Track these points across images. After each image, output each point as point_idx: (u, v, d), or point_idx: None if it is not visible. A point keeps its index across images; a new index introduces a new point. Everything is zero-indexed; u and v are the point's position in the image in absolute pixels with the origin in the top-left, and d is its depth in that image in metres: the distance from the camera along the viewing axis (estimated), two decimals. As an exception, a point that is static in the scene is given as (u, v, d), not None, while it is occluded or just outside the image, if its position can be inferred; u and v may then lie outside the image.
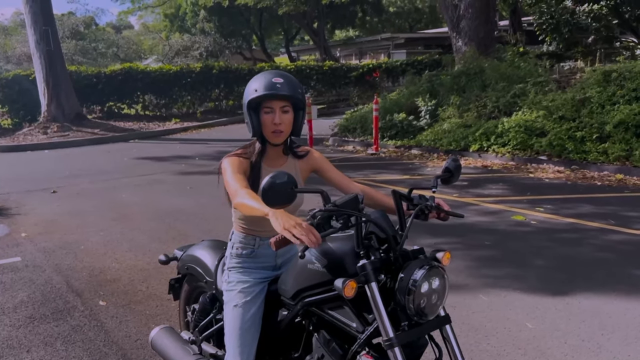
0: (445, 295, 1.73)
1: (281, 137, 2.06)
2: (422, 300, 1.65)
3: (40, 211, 6.87)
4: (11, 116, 18.33)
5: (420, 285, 1.63)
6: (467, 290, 3.96)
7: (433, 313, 1.70)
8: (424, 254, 1.81)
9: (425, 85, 12.12)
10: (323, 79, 21.87)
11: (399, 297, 1.65)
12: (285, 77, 2.02)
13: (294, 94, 2.01)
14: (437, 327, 1.78)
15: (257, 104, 2.01)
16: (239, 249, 2.19)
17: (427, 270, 1.66)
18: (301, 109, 2.09)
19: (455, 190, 7.20)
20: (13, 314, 3.77)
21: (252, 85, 2.03)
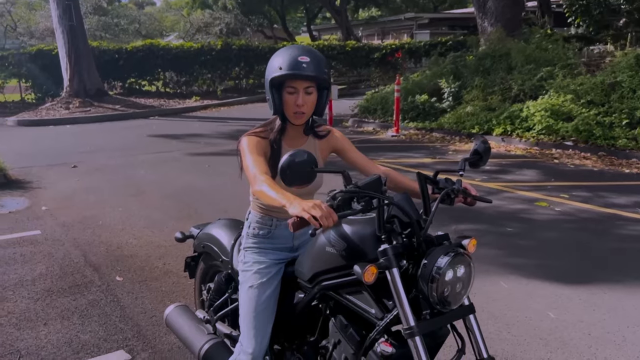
0: (470, 284, 1.64)
1: (302, 119, 1.98)
2: (446, 289, 1.57)
3: (60, 185, 6.92)
4: (34, 91, 18.54)
5: (445, 273, 1.55)
6: (487, 277, 3.86)
7: (457, 302, 1.62)
8: (449, 240, 1.72)
9: (449, 67, 11.85)
10: (344, 59, 21.59)
11: (421, 284, 1.57)
12: (312, 55, 1.91)
13: (320, 74, 1.90)
14: (460, 317, 1.70)
15: (280, 82, 1.92)
16: (255, 229, 2.13)
17: (452, 257, 1.57)
18: (325, 88, 2.00)
19: (478, 175, 7.05)
20: (32, 287, 3.79)
21: (276, 61, 1.92)
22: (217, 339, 2.34)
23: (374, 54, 21.40)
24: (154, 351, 2.95)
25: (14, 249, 4.55)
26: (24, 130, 12.84)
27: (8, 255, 4.40)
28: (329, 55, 21.22)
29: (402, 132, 10.71)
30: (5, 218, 5.49)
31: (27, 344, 3.01)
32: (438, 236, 1.71)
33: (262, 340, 2.02)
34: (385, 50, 21.45)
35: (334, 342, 1.90)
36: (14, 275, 3.99)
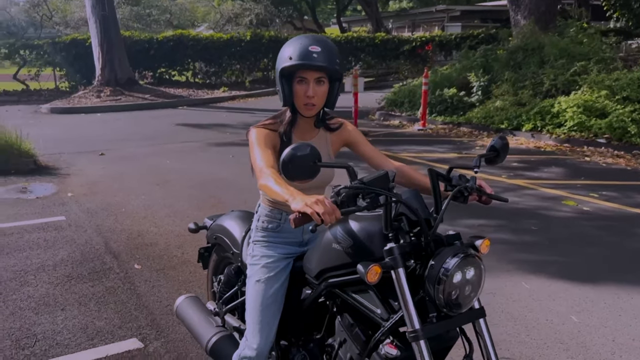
0: (480, 287, 1.57)
1: (313, 111, 1.93)
2: (454, 292, 1.50)
3: (87, 172, 7.04)
4: (68, 79, 18.97)
5: (453, 275, 1.48)
6: (508, 277, 3.76)
7: (466, 305, 1.55)
8: (460, 240, 1.65)
9: (479, 60, 11.59)
10: (373, 51, 21.36)
11: (428, 286, 1.51)
12: (323, 45, 1.85)
13: (331, 64, 1.85)
14: (469, 321, 1.63)
15: (290, 72, 1.88)
16: (264, 222, 2.09)
17: (462, 258, 1.50)
18: (337, 80, 1.94)
19: (504, 171, 6.89)
20: (52, 272, 3.86)
21: (286, 50, 1.87)
22: (225, 332, 2.33)
23: (404, 47, 21.10)
24: (166, 340, 2.96)
25: (39, 233, 4.64)
26: (56, 117, 13.13)
27: (32, 240, 4.49)
28: (358, 48, 21.06)
29: (429, 126, 10.55)
30: (33, 203, 5.61)
31: (43, 329, 3.06)
32: (449, 236, 1.64)
33: (268, 336, 1.99)
34: (415, 42, 21.13)
35: (339, 341, 1.86)
36: (36, 259, 4.07)
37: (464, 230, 4.50)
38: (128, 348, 2.87)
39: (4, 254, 4.17)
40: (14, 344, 2.90)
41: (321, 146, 2.07)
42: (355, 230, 1.73)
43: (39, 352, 2.82)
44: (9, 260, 4.05)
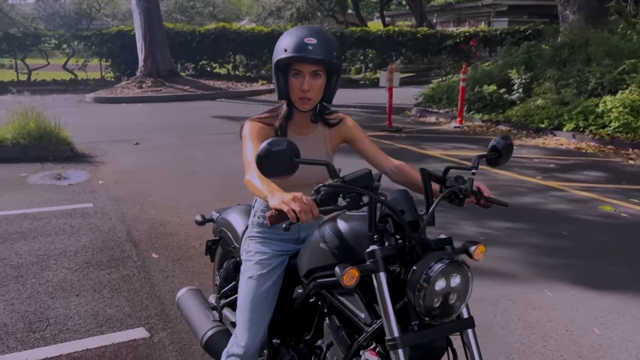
0: (467, 295, 1.48)
1: (309, 105, 1.86)
2: (436, 299, 1.41)
3: (120, 161, 7.20)
4: (113, 70, 19.51)
5: (435, 282, 1.39)
6: (531, 283, 3.60)
7: (449, 315, 1.46)
8: (451, 245, 1.56)
9: (522, 57, 11.19)
10: (415, 46, 21.03)
11: (408, 292, 1.43)
12: (320, 37, 1.78)
13: (328, 57, 1.78)
14: (455, 331, 1.54)
15: (285, 65, 1.82)
16: (260, 217, 2.05)
17: (446, 265, 1.41)
18: (335, 74, 1.87)
19: (539, 172, 6.63)
20: (73, 258, 3.94)
21: (282, 42, 1.82)
22: (221, 327, 2.30)
23: (446, 42, 20.68)
24: (172, 332, 2.97)
25: (65, 219, 4.77)
26: (99, 106, 13.51)
27: (59, 225, 4.62)
28: (399, 42, 20.78)
29: (466, 123, 10.28)
30: (65, 190, 5.78)
31: (56, 313, 3.12)
32: (438, 240, 1.55)
33: (257, 334, 1.95)
34: (459, 37, 20.68)
35: (327, 344, 1.80)
36: (59, 245, 4.17)
37: (489, 233, 4.36)
38: (134, 337, 2.89)
39: (30, 238, 4.29)
40: (26, 327, 2.97)
41: (318, 142, 2.01)
42: (342, 231, 1.66)
43: (49, 337, 2.88)
44: (34, 244, 4.16)
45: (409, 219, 1.52)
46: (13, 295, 3.33)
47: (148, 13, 15.71)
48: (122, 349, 2.78)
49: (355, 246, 1.59)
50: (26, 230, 4.47)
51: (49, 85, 18.41)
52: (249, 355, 1.94)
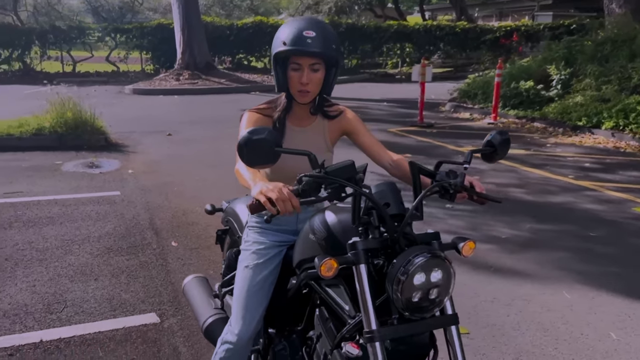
0: (448, 291, 1.45)
1: (307, 98, 1.86)
2: (415, 294, 1.39)
3: (151, 151, 7.36)
4: (153, 62, 19.94)
5: (413, 276, 1.37)
6: (549, 284, 3.49)
7: (429, 310, 1.43)
8: (438, 240, 1.53)
9: (562, 52, 10.83)
10: (453, 41, 20.63)
11: (387, 285, 1.41)
12: (319, 30, 1.78)
13: (327, 50, 1.77)
14: (438, 327, 1.51)
15: (284, 58, 1.82)
16: (258, 208, 2.06)
17: (427, 259, 1.38)
18: (334, 66, 1.86)
19: (573, 170, 6.42)
20: (96, 243, 4.07)
21: (280, 35, 1.82)
22: (221, 315, 2.33)
23: (486, 36, 20.20)
24: (182, 318, 3.03)
25: (93, 206, 4.92)
26: (137, 98, 13.85)
27: (86, 212, 4.77)
28: (437, 36, 20.44)
29: (500, 120, 10.04)
30: (96, 178, 5.96)
31: (74, 296, 3.23)
32: (425, 234, 1.53)
33: (251, 323, 1.96)
34: (499, 32, 20.15)
35: (317, 335, 1.80)
36: (84, 230, 4.31)
37: (508, 232, 4.26)
38: (145, 322, 2.97)
39: (58, 223, 4.45)
40: (44, 308, 3.09)
41: (317, 134, 2.00)
42: (330, 223, 1.65)
43: (64, 318, 2.98)
44: (61, 229, 4.32)
45: (394, 211, 1.50)
46: (36, 277, 3.46)
47: (186, 7, 15.96)
48: (132, 332, 2.86)
49: (342, 238, 1.58)
50: (55, 215, 4.63)
51: (92, 76, 19.00)
52: (241, 344, 1.96)
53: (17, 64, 19.30)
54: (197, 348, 2.73)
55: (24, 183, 5.60)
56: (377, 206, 1.45)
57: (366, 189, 1.50)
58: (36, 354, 2.65)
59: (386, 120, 10.32)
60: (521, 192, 5.57)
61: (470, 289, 3.41)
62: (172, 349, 2.73)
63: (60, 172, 6.15)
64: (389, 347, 1.47)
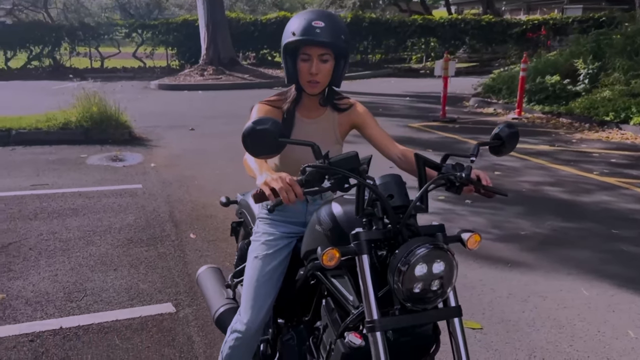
0: (451, 283, 1.44)
1: (316, 88, 1.87)
2: (416, 285, 1.39)
3: (174, 145, 7.47)
4: (178, 58, 20.18)
5: (414, 267, 1.37)
6: (567, 281, 3.44)
7: (431, 302, 1.43)
8: (443, 233, 1.52)
9: (590, 46, 10.59)
10: (479, 35, 20.35)
11: (388, 276, 1.42)
12: (328, 20, 1.79)
13: (336, 41, 1.78)
14: (440, 319, 1.50)
15: (294, 49, 1.83)
16: (268, 199, 2.08)
17: (429, 250, 1.38)
18: (343, 58, 1.87)
19: (599, 167, 6.29)
20: (117, 235, 4.16)
21: (290, 26, 1.83)
22: (232, 304, 2.36)
23: (513, 30, 19.86)
24: (197, 308, 3.08)
25: (115, 199, 5.02)
26: (162, 93, 14.04)
27: (108, 204, 4.87)
28: (462, 31, 20.19)
29: (525, 115, 9.88)
30: (119, 171, 6.08)
31: (93, 285, 3.32)
32: (429, 226, 1.52)
33: (259, 313, 1.98)
34: (526, 26, 19.79)
35: (323, 325, 1.81)
36: (106, 222, 4.41)
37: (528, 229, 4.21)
38: (161, 312, 3.03)
39: (81, 214, 4.56)
40: (65, 296, 3.17)
41: (326, 126, 2.01)
42: (336, 214, 1.67)
43: (83, 306, 3.07)
44: (83, 220, 4.42)
45: (398, 203, 1.50)
46: (58, 267, 3.56)
47: (211, 3, 16.09)
48: (148, 322, 2.92)
49: (347, 229, 1.58)
50: (78, 207, 4.75)
51: (119, 72, 19.35)
52: (250, 333, 1.98)
53: (48, 60, 19.75)
54: (210, 338, 2.78)
55: (50, 176, 5.75)
56: (380, 197, 1.45)
57: (370, 180, 1.50)
58: (56, 340, 2.73)
59: (408, 115, 10.26)
60: (544, 189, 5.48)
61: (486, 284, 3.38)
62: (187, 338, 2.78)
63: (85, 165, 6.29)
64: (391, 338, 1.48)
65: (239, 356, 2.00)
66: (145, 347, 2.70)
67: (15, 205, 4.74)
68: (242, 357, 2.01)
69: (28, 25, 19.55)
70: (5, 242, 3.93)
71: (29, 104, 10.22)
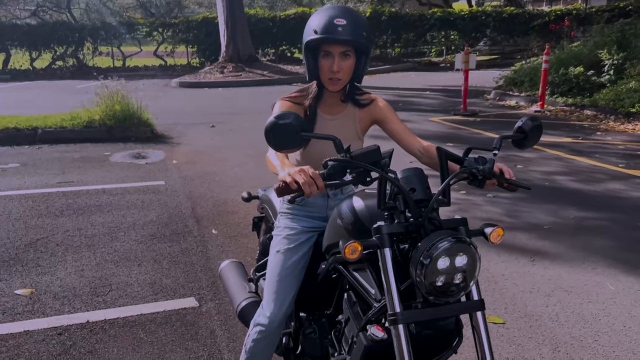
0: (474, 277, 1.43)
1: (338, 86, 1.88)
2: (439, 278, 1.39)
3: (195, 142, 7.55)
4: (199, 56, 20.37)
5: (437, 260, 1.37)
6: (592, 276, 3.39)
7: (454, 295, 1.43)
8: (466, 227, 1.51)
9: (615, 36, 10.37)
10: (500, 27, 20.08)
11: (411, 269, 1.41)
12: (350, 17, 1.79)
13: (357, 38, 1.78)
14: (463, 312, 1.49)
15: (315, 46, 1.84)
16: (290, 194, 2.10)
17: (452, 244, 1.37)
18: (365, 54, 1.87)
19: (622, 159, 6.17)
20: (140, 231, 4.22)
21: (312, 23, 1.84)
22: (255, 299, 2.38)
23: (535, 22, 19.54)
24: (220, 303, 3.11)
25: (139, 195, 5.10)
26: (183, 91, 14.19)
27: (132, 201, 4.95)
28: (483, 23, 19.93)
29: (548, 108, 9.72)
30: (142, 168, 6.17)
31: (119, 280, 3.38)
32: (451, 220, 1.51)
33: (282, 306, 2.00)
34: (549, 17, 19.45)
35: (345, 319, 1.82)
36: (130, 219, 4.48)
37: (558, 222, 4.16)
38: (184, 306, 3.07)
39: (105, 211, 4.65)
40: (92, 291, 3.24)
41: (348, 122, 2.02)
42: (357, 208, 1.67)
43: (110, 301, 3.13)
44: (108, 217, 4.50)
45: (420, 197, 1.49)
46: (84, 262, 3.63)
47: (230, 0, 16.18)
48: (172, 316, 2.97)
49: (369, 224, 1.59)
50: (103, 204, 4.84)
51: (141, 71, 19.63)
52: (273, 327, 2.00)
53: (72, 60, 20.12)
54: (233, 332, 2.81)
55: (75, 173, 5.86)
56: (402, 191, 1.45)
57: (392, 174, 1.50)
58: (83, 334, 2.79)
59: (429, 109, 10.19)
60: (568, 181, 5.40)
61: (509, 279, 3.35)
62: (210, 332, 2.81)
63: (109, 163, 6.40)
64: (414, 331, 1.48)
65: (262, 349, 2.02)
66: (170, 341, 2.74)
67: (43, 203, 4.85)
68: (265, 350, 2.03)
69: (52, 26, 19.94)
70: (34, 239, 4.03)
71: (54, 104, 10.44)
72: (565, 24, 19.00)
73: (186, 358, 2.60)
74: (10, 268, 3.54)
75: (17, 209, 4.69)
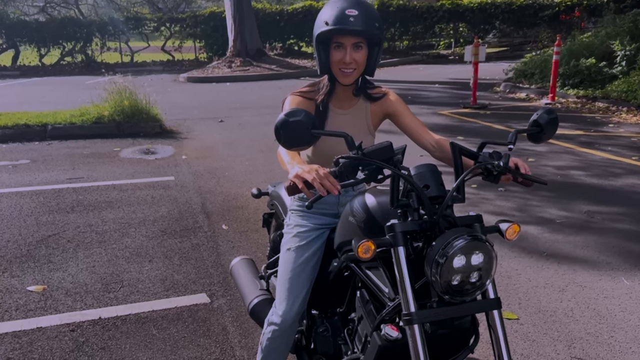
0: (490, 275, 1.41)
1: (350, 78, 1.85)
2: (454, 277, 1.36)
3: (204, 137, 7.54)
4: (206, 50, 20.34)
5: (452, 259, 1.34)
6: (607, 271, 3.35)
7: (470, 294, 1.40)
8: (481, 223, 1.49)
9: (627, 26, 10.22)
10: (510, 19, 19.87)
11: (426, 268, 1.39)
12: (361, 8, 1.76)
13: (369, 28, 1.75)
14: (479, 311, 1.47)
15: (327, 38, 1.81)
16: (300, 191, 2.08)
17: (467, 241, 1.35)
18: (377, 45, 1.84)
19: (635, 152, 6.09)
20: (151, 226, 4.23)
21: (323, 15, 1.81)
22: (266, 296, 2.37)
23: (544, 12, 19.31)
24: (231, 299, 3.11)
25: (149, 191, 5.11)
26: (191, 85, 14.19)
27: (142, 196, 4.96)
28: (492, 14, 19.73)
29: (559, 99, 9.62)
30: (151, 163, 6.17)
31: (130, 276, 3.38)
32: (466, 217, 1.48)
33: (294, 304, 1.99)
34: (559, 7, 19.22)
35: (358, 317, 1.81)
36: (140, 214, 4.48)
37: (570, 216, 4.12)
38: (196, 302, 3.07)
39: (115, 207, 4.66)
40: (103, 287, 3.25)
41: (359, 116, 1.99)
42: (369, 205, 1.64)
43: (121, 297, 3.13)
44: (118, 213, 4.51)
45: (434, 193, 1.47)
46: (95, 259, 3.64)
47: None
48: (183, 312, 2.97)
49: (381, 221, 1.56)
50: (113, 200, 4.85)
51: (149, 66, 19.64)
52: (286, 325, 1.99)
53: (80, 56, 20.16)
54: (244, 328, 2.80)
55: (85, 169, 5.88)
56: (415, 188, 1.43)
57: (405, 170, 1.48)
58: (95, 330, 2.80)
59: (438, 102, 10.12)
60: (580, 175, 5.34)
61: (522, 274, 3.31)
62: (221, 328, 2.81)
63: (118, 158, 6.41)
64: (429, 330, 1.46)
65: (277, 347, 2.01)
66: (182, 337, 2.74)
67: (54, 199, 4.87)
68: (280, 347, 2.02)
69: (60, 22, 19.96)
70: (45, 235, 4.05)
71: (63, 99, 10.47)
72: (576, 14, 18.78)
73: (198, 354, 2.60)
74: (22, 264, 3.56)
75: (28, 205, 4.72)
